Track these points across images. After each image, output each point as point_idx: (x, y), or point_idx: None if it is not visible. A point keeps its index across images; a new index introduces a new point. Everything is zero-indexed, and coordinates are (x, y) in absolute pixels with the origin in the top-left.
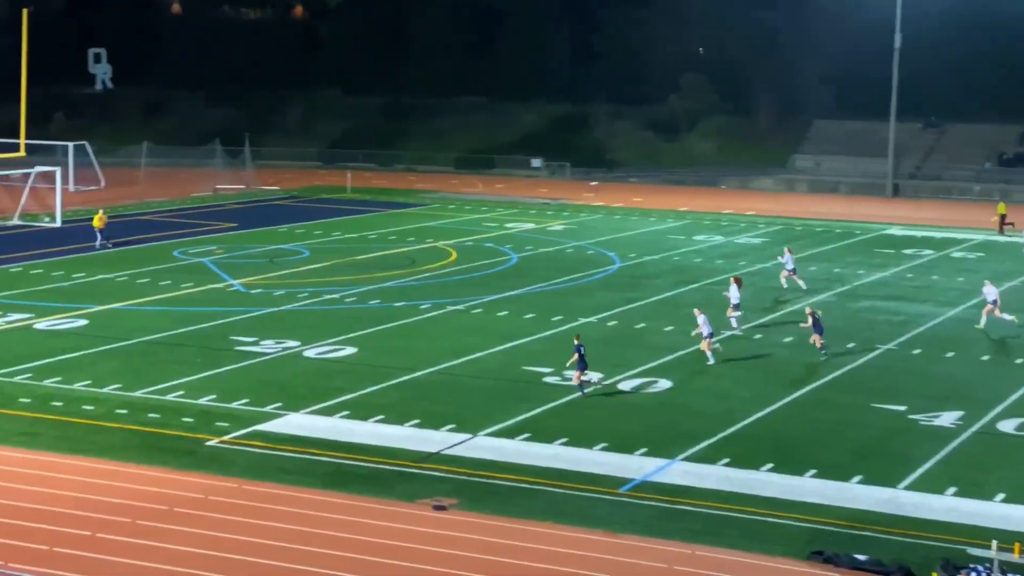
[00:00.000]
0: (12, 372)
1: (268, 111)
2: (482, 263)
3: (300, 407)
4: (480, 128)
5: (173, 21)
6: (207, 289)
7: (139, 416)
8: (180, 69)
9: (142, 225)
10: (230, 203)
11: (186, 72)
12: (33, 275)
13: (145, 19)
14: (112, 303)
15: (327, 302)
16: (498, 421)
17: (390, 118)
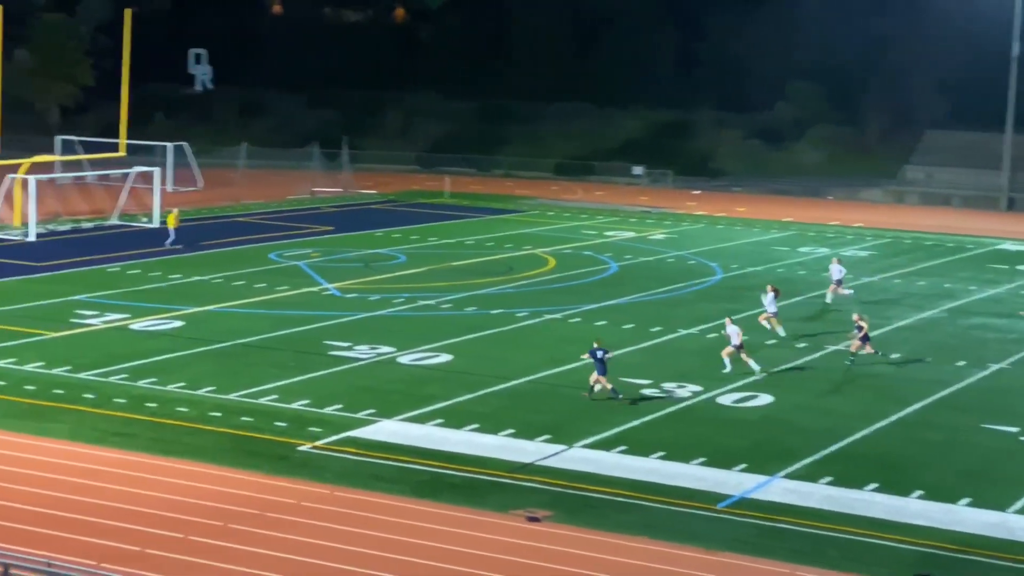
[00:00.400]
0: (108, 372)
1: (366, 113)
2: (581, 271)
3: (393, 414)
4: (581, 134)
5: (273, 22)
6: (302, 292)
7: (232, 419)
8: (279, 70)
9: (238, 227)
10: (327, 206)
11: (285, 73)
12: (130, 275)
13: (246, 20)
14: (207, 305)
15: (423, 308)
16: (594, 433)
17: (489, 122)
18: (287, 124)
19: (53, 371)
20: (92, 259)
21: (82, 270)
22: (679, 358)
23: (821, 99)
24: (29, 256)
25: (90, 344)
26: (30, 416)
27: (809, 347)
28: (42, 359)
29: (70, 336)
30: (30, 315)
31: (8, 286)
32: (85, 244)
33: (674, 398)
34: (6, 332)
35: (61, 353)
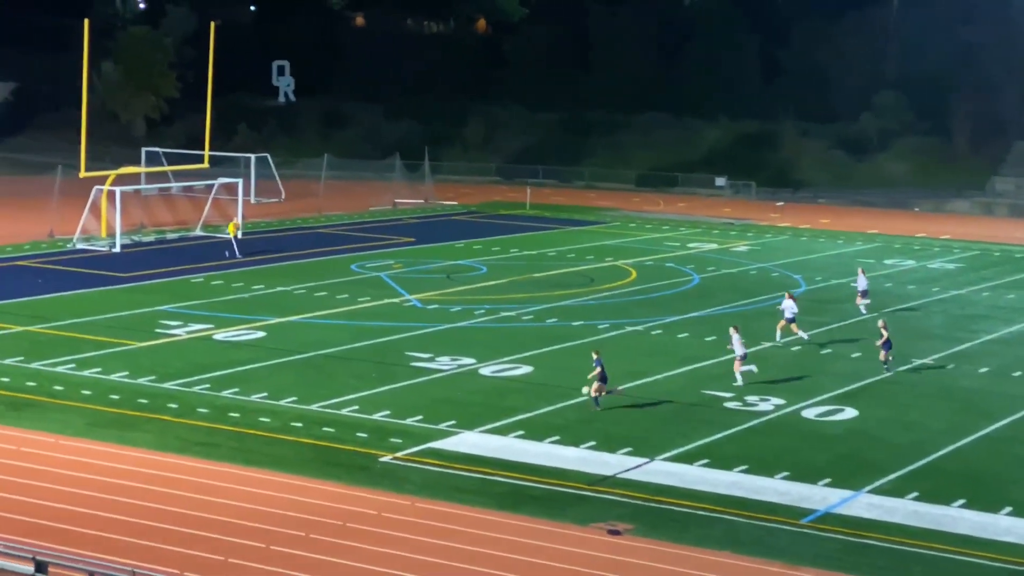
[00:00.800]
0: (191, 382)
1: (448, 125)
2: (663, 283)
3: (474, 425)
4: (663, 145)
5: (355, 34)
6: (384, 304)
7: (314, 430)
8: (361, 82)
9: (320, 238)
10: (408, 217)
11: (367, 85)
12: (214, 286)
13: (328, 32)
14: (290, 315)
15: (504, 319)
16: (676, 445)
17: (571, 133)
18: (369, 135)
19: (138, 381)
20: (176, 270)
21: (166, 280)
22: (762, 371)
23: (907, 109)
24: (115, 267)
25: (174, 354)
26: (115, 425)
27: (894, 360)
28: (127, 369)
29: (155, 346)
30: (116, 325)
31: (94, 296)
32: (169, 255)
33: (758, 411)
34: (92, 342)
35: (146, 363)
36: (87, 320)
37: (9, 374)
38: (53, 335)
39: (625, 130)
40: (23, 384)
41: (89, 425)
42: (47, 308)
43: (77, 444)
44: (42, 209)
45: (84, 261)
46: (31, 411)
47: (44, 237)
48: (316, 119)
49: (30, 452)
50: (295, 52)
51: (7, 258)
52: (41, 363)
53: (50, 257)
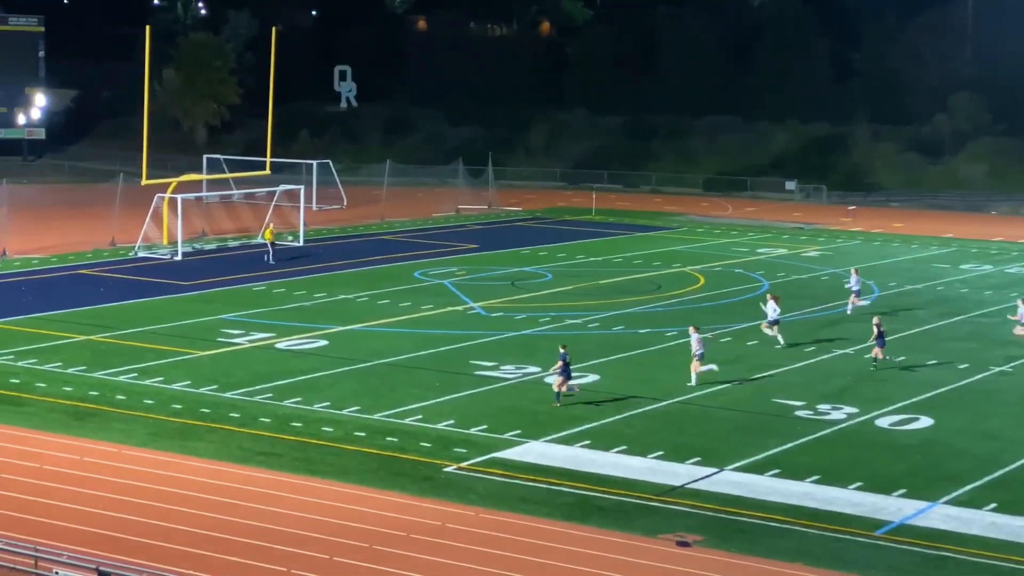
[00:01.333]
0: (254, 391)
1: (512, 129)
2: (731, 289)
3: (540, 435)
4: (731, 148)
5: (418, 38)
6: (447, 311)
7: (377, 439)
8: (423, 86)
9: (383, 245)
10: (472, 223)
11: (429, 89)
12: (276, 294)
13: (390, 36)
14: (352, 324)
15: (569, 327)
16: (747, 455)
17: (637, 138)
18: (431, 141)
19: (200, 390)
20: (238, 278)
21: (228, 289)
22: (834, 379)
23: (983, 110)
24: (176, 275)
25: (236, 363)
26: (177, 435)
27: (970, 368)
28: (189, 378)
29: (217, 355)
30: (177, 334)
31: (156, 305)
32: (231, 263)
33: (829, 420)
34: (154, 351)
35: (208, 372)
36: (149, 329)
37: (72, 383)
38: (115, 344)
39: (692, 134)
40: (86, 393)
41: (151, 435)
42: (109, 317)
43: (139, 454)
44: (104, 217)
45: (146, 269)
46: (94, 421)
47: (106, 245)
48: (378, 125)
49: (92, 462)
50: (357, 57)
51: (69, 266)
52: (103, 372)
53: (112, 265)
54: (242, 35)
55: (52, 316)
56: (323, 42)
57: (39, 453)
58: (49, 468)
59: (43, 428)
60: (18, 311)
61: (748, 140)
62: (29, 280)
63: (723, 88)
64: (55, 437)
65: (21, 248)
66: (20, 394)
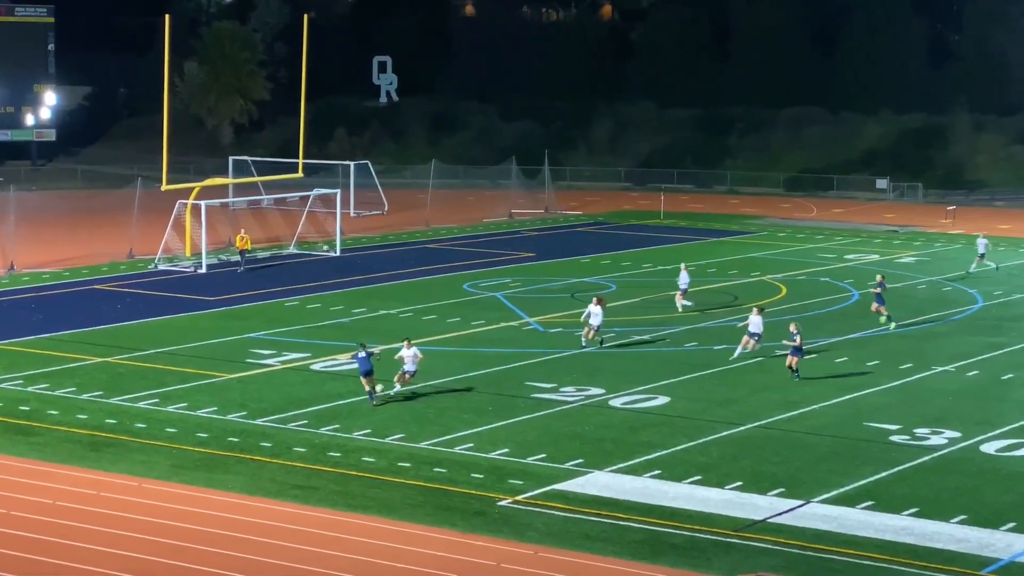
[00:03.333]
0: (287, 418)
1: (571, 125)
2: (817, 300)
3: (605, 464)
4: (815, 143)
5: (465, 25)
6: (500, 327)
7: (424, 470)
8: (472, 78)
9: (429, 255)
10: (527, 229)
11: (479, 82)
12: (310, 310)
13: (435, 23)
14: (395, 342)
15: (636, 344)
16: (836, 486)
17: (710, 132)
18: (482, 138)
19: (227, 416)
20: (268, 292)
21: (258, 304)
22: (934, 400)
23: None
24: (201, 289)
25: (267, 386)
26: (203, 466)
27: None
28: (215, 403)
29: (245, 378)
30: (202, 355)
31: (179, 323)
32: (261, 275)
33: (929, 446)
34: (177, 374)
35: (236, 396)
36: (171, 350)
37: (87, 410)
38: (134, 367)
39: (771, 127)
40: (102, 422)
41: (174, 467)
42: (127, 336)
43: (161, 488)
44: (121, 226)
45: (167, 284)
46: (111, 451)
47: (123, 258)
48: (422, 121)
49: (111, 497)
50: (398, 47)
51: (83, 281)
52: (121, 398)
53: (130, 280)
54: (272, 24)
55: (65, 336)
56: (361, 30)
57: (52, 488)
58: (63, 504)
59: (56, 460)
60: (28, 331)
61: (834, 133)
62: (39, 297)
63: (806, 76)
64: (69, 470)
65: (30, 261)
66: (31, 423)
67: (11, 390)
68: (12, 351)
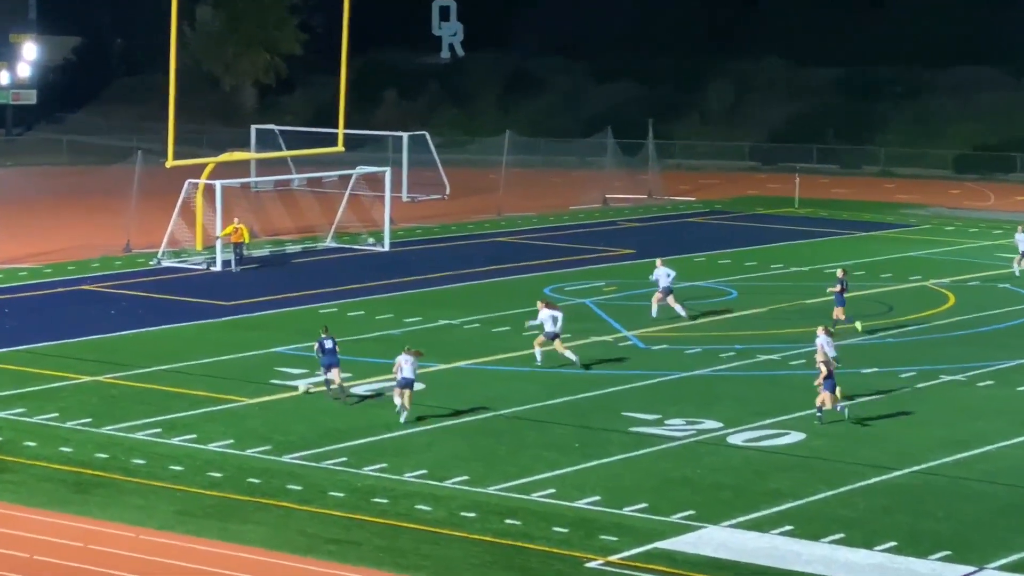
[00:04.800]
0: (321, 454)
1: (681, 88)
2: (994, 312)
3: (721, 517)
4: (992, 114)
5: None
6: (590, 343)
7: (492, 522)
8: (556, 28)
9: (500, 250)
10: (625, 219)
11: (565, 34)
12: (351, 318)
13: None
14: (457, 360)
15: (763, 365)
16: (1018, 548)
17: (857, 99)
18: (568, 104)
19: (247, 452)
20: (299, 296)
21: (286, 311)
22: None
23: None
24: (216, 292)
25: (297, 414)
26: (215, 514)
27: None
28: (232, 435)
29: (269, 403)
30: (216, 373)
31: (188, 333)
32: (290, 275)
33: None
34: (184, 397)
35: (257, 427)
36: (177, 367)
37: (73, 442)
38: (131, 388)
39: (935, 93)
40: (91, 456)
41: (180, 514)
42: (123, 350)
43: (163, 540)
44: (115, 212)
45: (172, 284)
46: (102, 493)
47: (118, 251)
48: (494, 82)
49: (100, 551)
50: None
51: (69, 280)
52: (115, 427)
53: (126, 279)
54: None
55: (45, 349)
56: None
57: (29, 538)
58: (42, 559)
59: (34, 503)
60: (0, 342)
61: (1016, 101)
62: (14, 300)
63: (979, 30)
64: (50, 516)
65: (4, 255)
66: (3, 456)
67: None
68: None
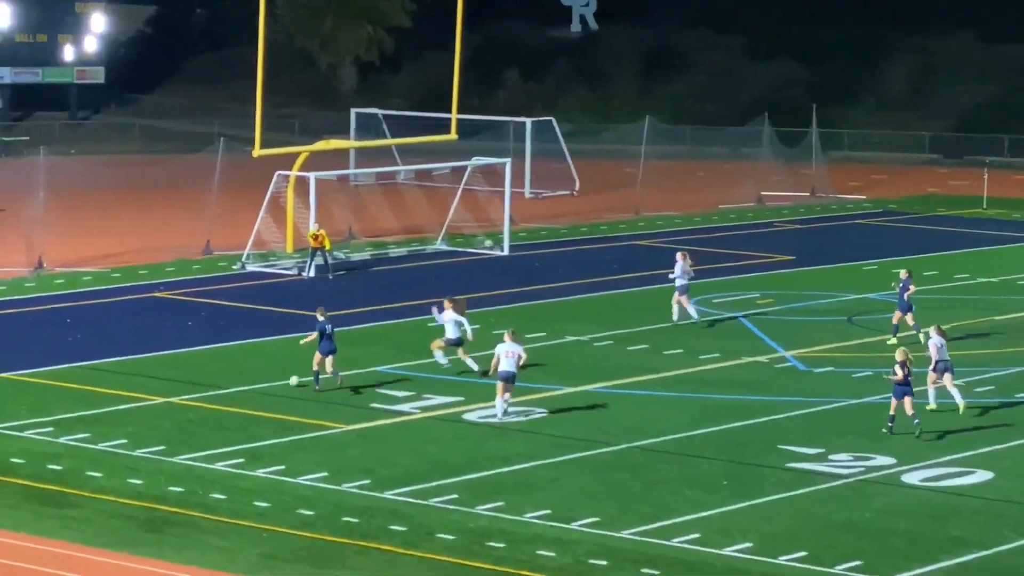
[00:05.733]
0: (428, 490)
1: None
2: None
3: (893, 569)
4: None
5: None
6: (742, 364)
7: (626, 571)
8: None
9: (637, 256)
10: (783, 221)
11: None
12: None
13: None
14: (586, 383)
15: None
16: None
17: None
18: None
19: (343, 486)
20: (405, 306)
21: (389, 324)
22: None
23: None
24: (308, 301)
25: (401, 444)
26: (307, 558)
27: None
28: (326, 467)
29: (369, 430)
30: (308, 396)
31: (274, 349)
32: (394, 282)
33: None
34: (271, 423)
35: (356, 457)
36: (263, 387)
37: (143, 473)
38: (210, 411)
39: None
40: (164, 490)
41: (266, 557)
42: (201, 367)
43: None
44: (193, 208)
45: (258, 292)
46: (176, 533)
47: (197, 254)
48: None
49: None
50: None
51: (140, 286)
52: (191, 456)
53: (205, 285)
54: None
55: (112, 365)
56: None
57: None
58: None
59: (99, 543)
60: (61, 357)
61: None
62: (77, 309)
63: None
64: (116, 557)
65: (66, 257)
66: (63, 488)
67: (37, 441)
68: (38, 385)
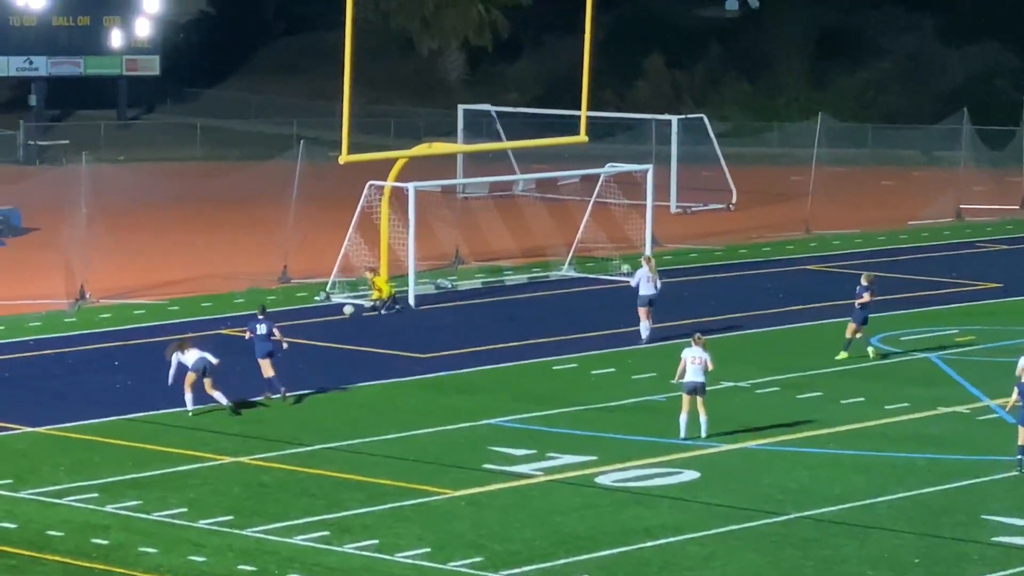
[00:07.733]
0: (554, 570)
1: None
2: None
3: None
4: None
5: None
6: (936, 415)
7: None
8: None
9: (810, 282)
10: (987, 240)
11: None
12: (597, 378)
13: None
14: (747, 439)
15: None
16: None
17: None
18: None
19: (449, 565)
20: (525, 345)
21: (505, 367)
22: None
23: None
24: (407, 340)
25: (521, 512)
26: None
27: None
28: (429, 541)
29: (481, 496)
30: (406, 454)
31: (368, 398)
32: (510, 316)
33: None
34: (361, 487)
35: (466, 530)
36: (350, 444)
37: (207, 548)
38: (287, 472)
39: None
40: (232, 569)
41: None
42: (277, 420)
43: None
44: (267, 225)
45: (346, 328)
46: None
47: (272, 282)
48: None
49: None
50: None
51: (203, 321)
52: (265, 528)
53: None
54: None
55: (169, 418)
56: None
57: None
58: None
59: None
60: (108, 406)
61: None
62: (128, 349)
63: None
64: None
65: (113, 286)
66: (110, 568)
67: (79, 509)
68: (80, 442)
